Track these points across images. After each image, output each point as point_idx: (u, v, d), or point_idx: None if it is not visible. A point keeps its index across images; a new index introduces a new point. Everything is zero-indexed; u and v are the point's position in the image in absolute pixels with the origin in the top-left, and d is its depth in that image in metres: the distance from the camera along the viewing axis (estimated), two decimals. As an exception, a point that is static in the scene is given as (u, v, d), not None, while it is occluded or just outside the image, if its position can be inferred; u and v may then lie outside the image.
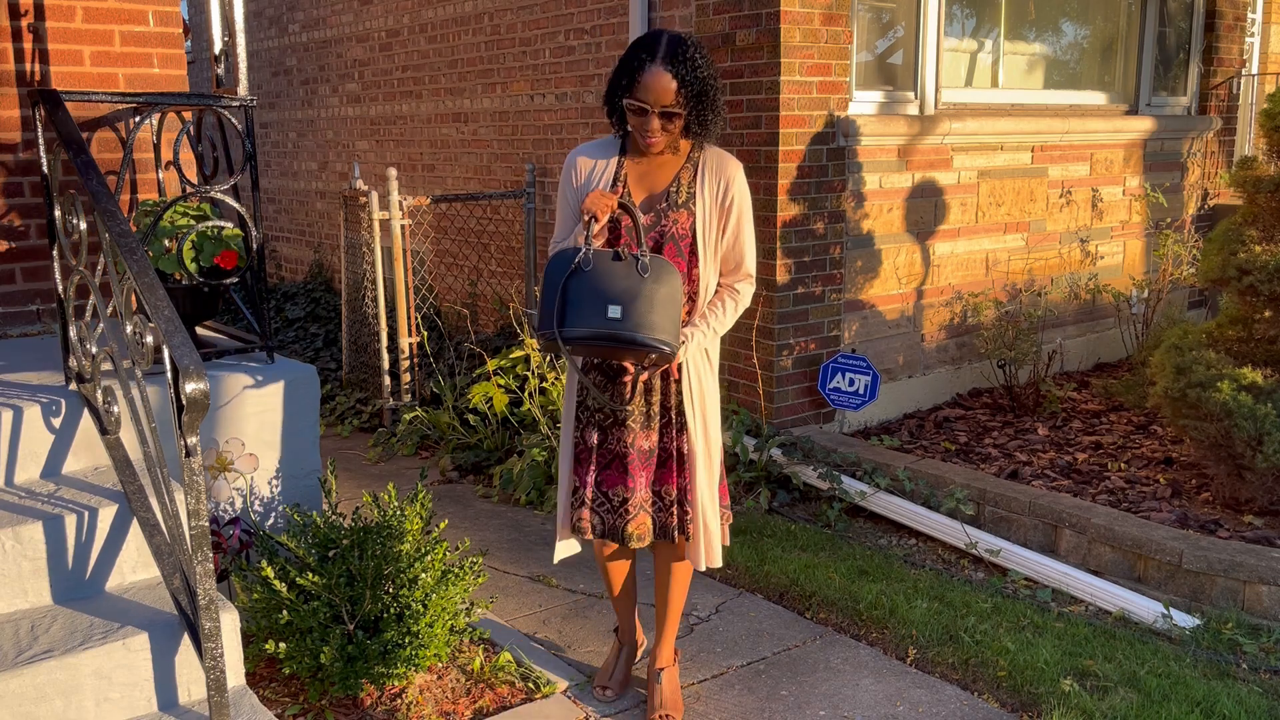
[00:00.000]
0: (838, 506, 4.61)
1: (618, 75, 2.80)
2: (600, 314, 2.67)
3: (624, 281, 2.68)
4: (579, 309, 2.68)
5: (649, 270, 2.70)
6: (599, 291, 2.68)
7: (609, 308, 2.67)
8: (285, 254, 9.94)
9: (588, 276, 2.70)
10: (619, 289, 2.68)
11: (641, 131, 2.79)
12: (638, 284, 2.68)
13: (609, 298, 2.67)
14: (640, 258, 2.71)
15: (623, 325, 2.66)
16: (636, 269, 2.69)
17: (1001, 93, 5.91)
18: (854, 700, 3.22)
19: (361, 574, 3.04)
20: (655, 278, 2.69)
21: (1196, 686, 3.21)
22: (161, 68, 4.08)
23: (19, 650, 2.55)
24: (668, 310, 2.69)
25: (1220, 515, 4.19)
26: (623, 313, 2.66)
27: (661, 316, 2.68)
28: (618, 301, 2.67)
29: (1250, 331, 4.43)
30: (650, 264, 2.70)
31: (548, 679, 3.27)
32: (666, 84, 2.72)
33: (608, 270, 2.70)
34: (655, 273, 2.70)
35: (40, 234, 3.96)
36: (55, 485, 3.00)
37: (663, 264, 2.73)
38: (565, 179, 2.95)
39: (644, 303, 2.66)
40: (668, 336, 2.69)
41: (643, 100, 2.74)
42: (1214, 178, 7.02)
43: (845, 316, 5.28)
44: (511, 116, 6.69)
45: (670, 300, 2.70)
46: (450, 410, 5.64)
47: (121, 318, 2.75)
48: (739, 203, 2.88)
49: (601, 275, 2.70)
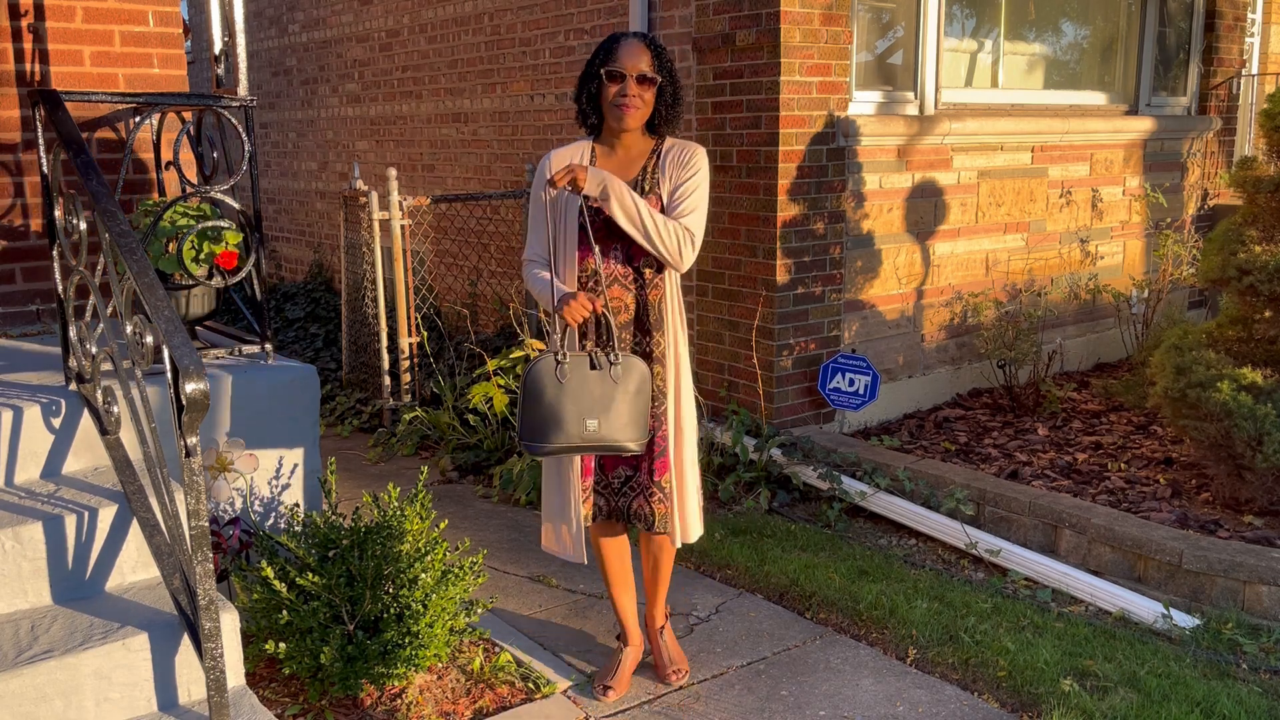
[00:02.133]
0: (838, 507, 4.61)
1: (590, 63, 2.99)
2: (580, 427, 2.85)
3: (599, 390, 2.85)
4: (560, 423, 2.85)
5: (620, 378, 2.87)
6: (577, 404, 2.85)
7: (586, 422, 2.85)
8: (285, 254, 9.94)
9: (565, 388, 2.85)
10: (594, 399, 2.85)
11: (619, 100, 2.92)
12: (611, 391, 2.86)
13: (585, 411, 2.85)
14: (614, 363, 2.87)
15: (599, 434, 2.86)
16: (610, 376, 2.86)
17: (1001, 93, 5.91)
18: (854, 700, 3.22)
19: (361, 574, 3.04)
20: (626, 381, 2.87)
21: (1196, 686, 3.21)
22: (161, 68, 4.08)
23: (19, 650, 2.55)
24: (637, 407, 2.88)
25: (1220, 515, 4.19)
26: (599, 424, 2.85)
27: (632, 417, 2.88)
28: (593, 415, 2.85)
29: (1250, 331, 4.43)
30: (623, 369, 2.88)
31: (548, 679, 3.27)
32: (641, 52, 2.92)
33: (583, 381, 2.85)
34: (626, 376, 2.87)
35: (40, 234, 3.96)
36: (55, 485, 3.00)
37: (632, 363, 2.88)
38: (538, 186, 2.99)
39: (616, 410, 2.86)
40: (639, 434, 2.89)
41: (619, 67, 2.91)
42: (1214, 178, 7.02)
43: (845, 316, 5.28)
44: (511, 116, 6.69)
45: (640, 395, 2.89)
46: (450, 410, 5.64)
47: (121, 318, 2.75)
48: (699, 176, 3.01)
49: (578, 387, 2.85)
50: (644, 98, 2.94)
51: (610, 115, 2.96)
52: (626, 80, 2.91)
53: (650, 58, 2.92)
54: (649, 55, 2.92)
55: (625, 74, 2.91)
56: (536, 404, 2.86)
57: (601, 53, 2.95)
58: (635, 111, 2.94)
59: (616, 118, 2.95)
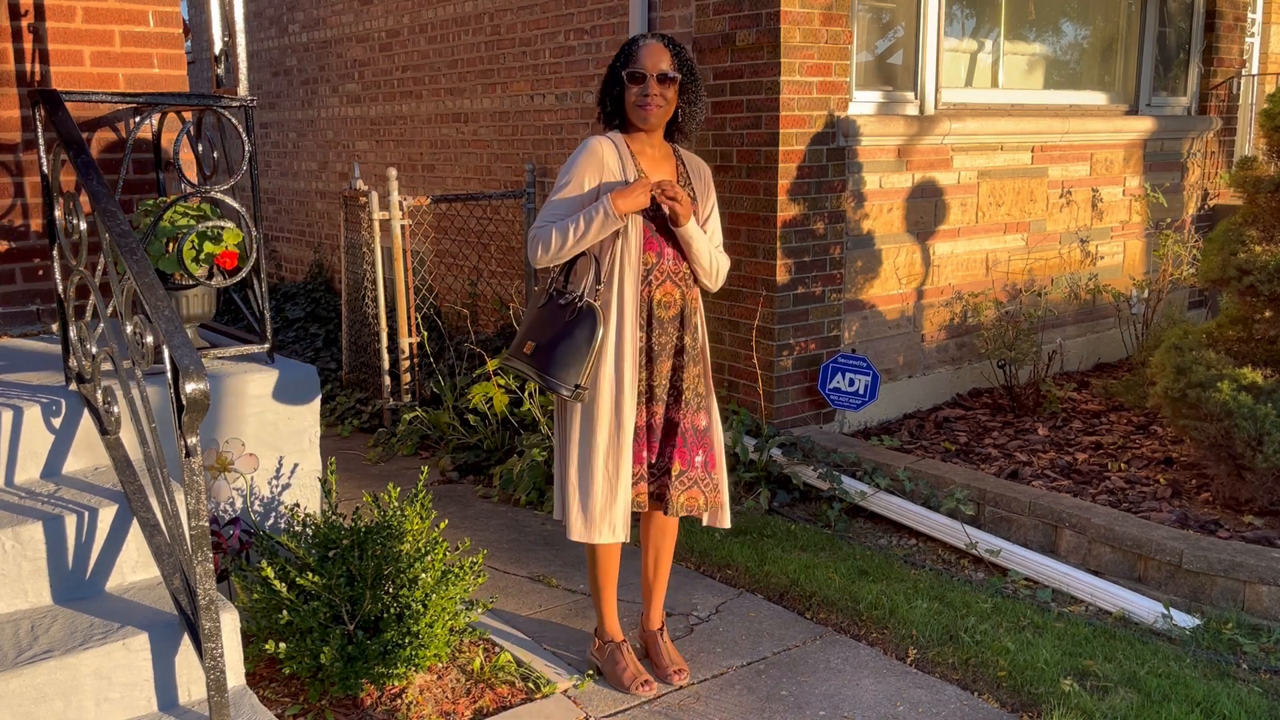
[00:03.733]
0: (838, 507, 4.61)
1: (611, 66, 3.10)
2: (523, 350, 3.11)
3: (553, 325, 3.06)
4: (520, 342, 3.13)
5: (574, 317, 3.03)
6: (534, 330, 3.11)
7: (527, 343, 3.10)
8: (285, 254, 9.94)
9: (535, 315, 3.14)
10: (541, 328, 3.08)
11: (641, 100, 3.02)
12: (558, 329, 3.05)
13: (534, 336, 3.09)
14: (572, 302, 3.04)
15: (531, 360, 3.07)
16: (565, 314, 3.05)
17: (1001, 93, 5.91)
18: (854, 700, 3.22)
19: (361, 574, 3.04)
20: (576, 324, 3.03)
21: (1196, 687, 3.21)
22: (161, 68, 4.08)
23: (19, 650, 2.55)
24: (573, 356, 3.02)
25: (1220, 515, 4.19)
26: (533, 349, 3.07)
27: (564, 357, 3.02)
28: (534, 339, 3.09)
29: (1250, 331, 4.43)
30: (578, 311, 3.04)
31: (548, 679, 3.27)
32: (661, 52, 3.03)
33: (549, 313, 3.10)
34: (579, 320, 3.03)
35: (40, 234, 3.96)
36: (55, 485, 3.00)
37: (587, 313, 3.03)
38: (590, 164, 3.05)
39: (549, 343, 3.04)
40: (564, 378, 3.02)
41: (640, 68, 3.02)
42: (1214, 178, 7.02)
43: (845, 316, 5.28)
44: (511, 116, 6.69)
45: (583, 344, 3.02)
46: (450, 410, 5.64)
47: (121, 318, 2.75)
48: (714, 198, 3.26)
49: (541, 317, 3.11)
50: (666, 96, 3.04)
51: (634, 116, 3.06)
52: (648, 80, 3.01)
53: (670, 57, 3.03)
54: (669, 55, 3.03)
55: (646, 74, 3.01)
56: (521, 322, 3.18)
57: (622, 56, 3.06)
58: (658, 110, 3.04)
59: (641, 118, 3.05)
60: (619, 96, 3.07)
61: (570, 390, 3.01)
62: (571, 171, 3.05)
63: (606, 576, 3.30)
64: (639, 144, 3.11)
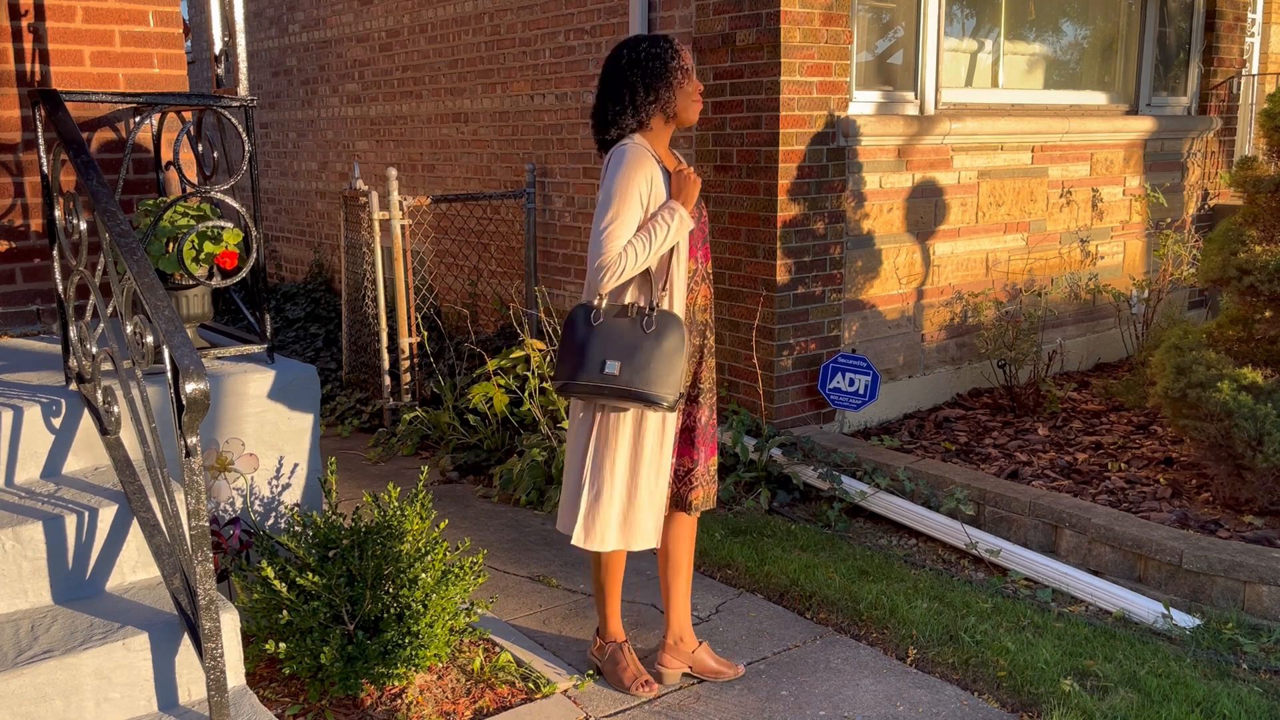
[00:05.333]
0: (838, 506, 4.61)
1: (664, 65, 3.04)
2: (599, 367, 2.96)
3: (628, 338, 2.97)
4: (582, 361, 2.97)
5: (652, 331, 2.97)
6: (602, 347, 2.97)
7: (606, 364, 2.96)
8: (285, 254, 9.94)
9: (596, 331, 2.99)
10: (620, 345, 2.96)
11: (697, 97, 3.09)
12: (640, 341, 2.97)
13: (609, 354, 2.96)
14: (646, 314, 2.99)
15: (621, 379, 2.95)
16: (640, 325, 2.97)
17: (1001, 93, 5.91)
18: (854, 700, 3.22)
19: (361, 574, 3.04)
20: (658, 335, 2.97)
21: (1196, 687, 3.21)
22: (162, 68, 4.08)
23: (19, 650, 2.55)
24: (669, 363, 2.96)
25: (1220, 515, 4.19)
26: (619, 368, 2.95)
27: (660, 371, 2.95)
28: (615, 359, 2.95)
29: (1250, 331, 4.43)
30: (658, 322, 2.98)
31: (548, 679, 3.27)
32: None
33: (613, 326, 2.98)
34: (660, 330, 2.97)
35: (40, 234, 3.96)
36: (55, 485, 3.01)
37: (669, 320, 2.98)
38: (643, 172, 3.01)
39: (641, 359, 2.95)
40: (668, 391, 2.96)
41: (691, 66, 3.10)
42: (1214, 178, 7.02)
43: (845, 316, 5.28)
44: (511, 116, 6.69)
45: (674, 353, 2.97)
46: (450, 410, 5.64)
47: (121, 318, 2.75)
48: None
49: (607, 331, 2.98)
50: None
51: (688, 112, 3.09)
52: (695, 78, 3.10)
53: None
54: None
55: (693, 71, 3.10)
56: (568, 345, 3.00)
57: (674, 54, 3.05)
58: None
59: (694, 114, 3.11)
60: (668, 98, 3.04)
61: (671, 402, 2.98)
62: (629, 184, 2.96)
63: (616, 580, 3.30)
64: (659, 145, 3.11)
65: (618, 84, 3.05)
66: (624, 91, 3.04)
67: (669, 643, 3.31)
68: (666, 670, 3.30)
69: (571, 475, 3.15)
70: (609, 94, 3.07)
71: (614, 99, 3.06)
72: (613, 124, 3.07)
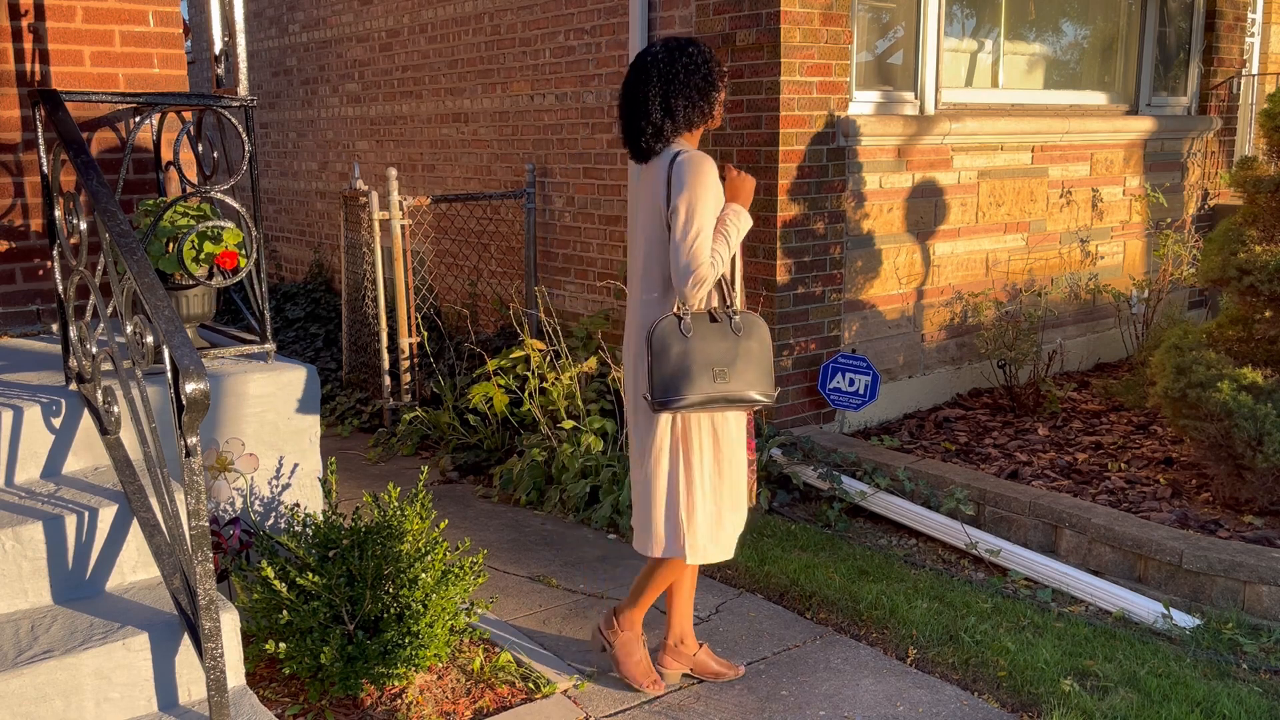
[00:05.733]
0: (838, 506, 4.61)
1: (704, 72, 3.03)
2: (709, 378, 2.93)
3: (723, 342, 2.96)
4: (690, 375, 2.92)
5: (741, 331, 2.99)
6: (705, 357, 2.93)
7: (715, 372, 2.93)
8: (285, 254, 9.94)
9: (691, 342, 2.94)
10: (720, 351, 2.95)
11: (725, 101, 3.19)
12: (735, 344, 2.98)
13: (714, 362, 2.94)
14: (732, 317, 2.99)
15: (729, 387, 2.94)
16: (730, 329, 2.97)
17: (1001, 93, 5.91)
18: (854, 700, 3.22)
19: (361, 574, 3.04)
20: (747, 334, 2.99)
21: (1196, 687, 3.21)
22: (161, 68, 4.08)
23: (19, 650, 2.55)
24: (763, 360, 3.00)
25: (1220, 515, 4.19)
26: (727, 375, 2.95)
27: (759, 371, 2.99)
28: (720, 365, 2.94)
29: (1250, 331, 4.43)
30: (742, 322, 2.99)
31: (548, 679, 3.27)
32: None
33: (706, 334, 2.95)
34: (747, 329, 2.99)
35: (40, 234, 3.96)
36: (55, 485, 3.01)
37: (752, 318, 3.00)
38: (715, 179, 3.02)
39: (742, 363, 2.97)
40: (768, 388, 3.00)
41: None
42: (1214, 178, 7.02)
43: (845, 316, 5.28)
44: (511, 116, 6.69)
45: (765, 349, 3.01)
46: (450, 410, 5.64)
47: (121, 318, 2.75)
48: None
49: (703, 340, 2.95)
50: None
51: (719, 118, 3.14)
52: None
53: None
54: None
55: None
56: (664, 360, 2.93)
57: (716, 61, 3.06)
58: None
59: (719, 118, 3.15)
60: (714, 104, 3.07)
61: (774, 398, 3.03)
62: (707, 193, 2.94)
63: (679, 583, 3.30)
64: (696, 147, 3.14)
65: (667, 91, 2.99)
66: (675, 100, 3.00)
67: (670, 644, 3.31)
68: (667, 671, 3.30)
69: (658, 494, 3.08)
70: (656, 102, 2.99)
71: (663, 108, 3.00)
72: (661, 132, 3.02)
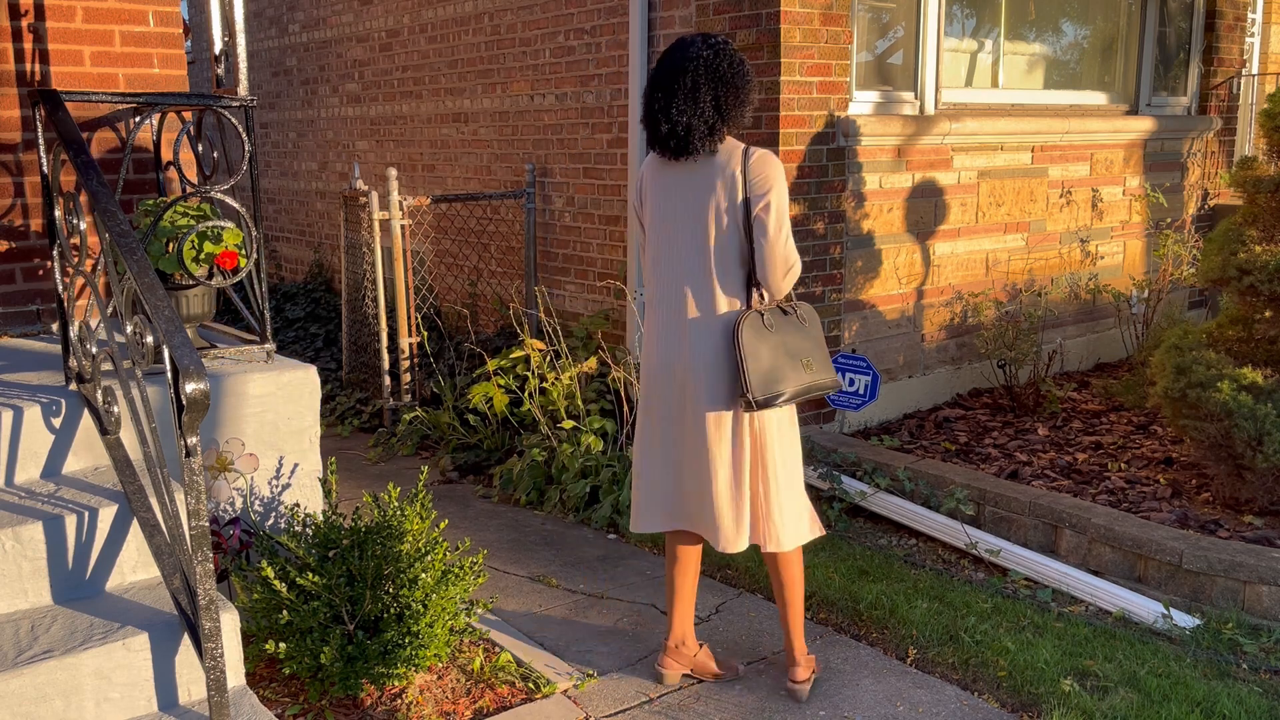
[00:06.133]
0: (838, 506, 4.61)
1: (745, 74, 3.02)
2: (799, 369, 3.01)
3: (798, 334, 3.03)
4: (783, 370, 2.97)
5: (805, 321, 3.07)
6: (789, 350, 3.00)
7: (802, 362, 3.01)
8: (285, 254, 9.94)
9: (777, 336, 3.00)
10: (798, 342, 3.03)
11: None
12: (805, 333, 3.06)
13: (799, 354, 3.01)
14: (796, 309, 3.06)
15: (813, 376, 3.03)
16: (797, 318, 3.05)
17: (1001, 93, 5.91)
18: (854, 700, 3.22)
19: (361, 574, 3.04)
20: (811, 323, 3.07)
21: (1196, 687, 3.21)
22: (161, 68, 4.08)
23: (19, 650, 2.55)
24: (825, 348, 3.10)
25: (1220, 515, 4.19)
26: (808, 365, 3.03)
27: (824, 356, 3.08)
28: (803, 356, 3.02)
29: (1250, 331, 4.43)
30: (804, 312, 3.07)
31: (548, 679, 3.27)
32: None
33: (784, 327, 3.01)
34: (809, 318, 3.08)
35: (40, 234, 3.96)
36: (55, 485, 3.01)
37: (807, 308, 3.08)
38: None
39: (815, 351, 3.06)
40: (834, 374, 3.10)
41: None
42: (1214, 178, 7.02)
43: (845, 316, 5.28)
44: (511, 116, 6.69)
45: (823, 338, 3.10)
46: (450, 410, 5.64)
47: (121, 318, 2.75)
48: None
49: (784, 335, 3.01)
50: None
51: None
52: None
53: None
54: None
55: None
56: (758, 357, 2.95)
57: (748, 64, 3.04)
58: None
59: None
60: (754, 103, 3.06)
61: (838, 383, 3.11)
62: (786, 189, 2.99)
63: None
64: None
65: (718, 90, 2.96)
66: (727, 99, 2.98)
67: (670, 645, 3.31)
68: (667, 672, 3.30)
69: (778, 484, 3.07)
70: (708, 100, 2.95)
71: (715, 106, 2.96)
72: (714, 131, 2.98)
